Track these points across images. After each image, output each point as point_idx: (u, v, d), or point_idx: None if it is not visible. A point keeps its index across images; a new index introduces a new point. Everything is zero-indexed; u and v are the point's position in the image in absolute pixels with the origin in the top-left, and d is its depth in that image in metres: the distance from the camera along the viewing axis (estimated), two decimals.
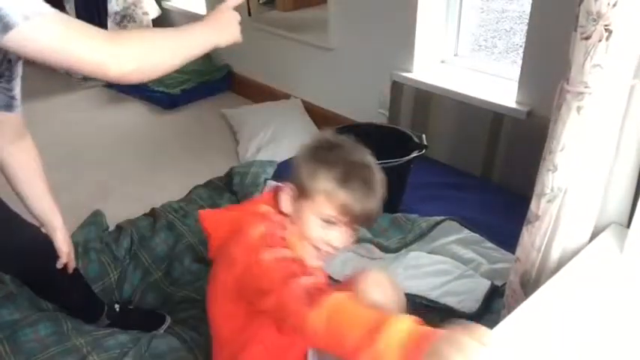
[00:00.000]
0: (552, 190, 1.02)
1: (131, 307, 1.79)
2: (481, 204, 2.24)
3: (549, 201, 1.03)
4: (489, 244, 1.92)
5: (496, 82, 2.52)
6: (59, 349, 1.48)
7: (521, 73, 2.30)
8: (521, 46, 2.89)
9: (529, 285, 1.11)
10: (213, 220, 1.23)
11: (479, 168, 2.50)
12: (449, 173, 2.54)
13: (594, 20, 0.88)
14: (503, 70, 2.60)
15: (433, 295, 1.64)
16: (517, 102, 2.32)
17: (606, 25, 0.88)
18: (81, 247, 1.93)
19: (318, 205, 1.10)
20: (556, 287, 0.99)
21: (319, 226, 1.10)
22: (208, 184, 2.36)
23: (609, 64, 0.91)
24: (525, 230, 1.10)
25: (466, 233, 1.98)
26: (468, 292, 1.65)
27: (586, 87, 0.93)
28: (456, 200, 2.27)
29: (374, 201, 1.11)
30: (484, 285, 1.67)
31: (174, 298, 1.80)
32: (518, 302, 1.10)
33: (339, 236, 1.11)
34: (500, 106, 2.34)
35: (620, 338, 0.90)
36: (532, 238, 1.08)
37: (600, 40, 0.89)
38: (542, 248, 1.07)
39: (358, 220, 1.12)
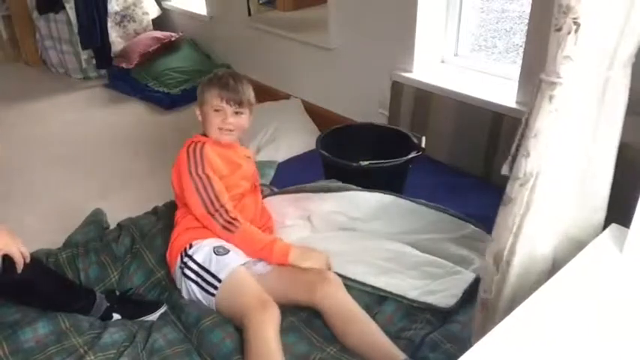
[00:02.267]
0: (525, 174, 1.04)
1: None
2: (481, 204, 2.24)
3: (521, 185, 1.06)
4: (486, 236, 1.91)
5: (496, 82, 2.52)
6: (57, 349, 1.48)
7: (521, 73, 2.30)
8: (521, 46, 2.89)
9: (501, 263, 1.13)
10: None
11: (479, 168, 2.50)
12: (449, 173, 2.54)
13: (564, 13, 0.90)
14: (503, 70, 2.61)
15: (412, 294, 1.67)
16: (517, 102, 2.32)
17: (574, 19, 0.90)
18: (81, 247, 1.92)
19: (210, 104, 1.76)
20: (555, 287, 0.99)
21: (215, 116, 1.77)
22: None
23: (578, 56, 0.93)
24: (500, 211, 1.13)
25: (468, 228, 1.97)
26: (447, 289, 1.67)
27: (558, 77, 0.96)
28: (456, 200, 2.27)
29: (235, 87, 1.76)
30: (466, 280, 1.68)
31: (172, 286, 1.79)
32: (491, 279, 1.15)
33: (227, 118, 1.76)
34: (500, 106, 2.35)
35: (620, 339, 0.90)
36: (505, 219, 1.10)
37: (569, 33, 0.91)
38: (514, 229, 1.10)
39: (231, 101, 1.75)
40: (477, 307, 1.23)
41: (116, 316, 1.68)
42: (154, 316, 1.69)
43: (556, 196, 1.06)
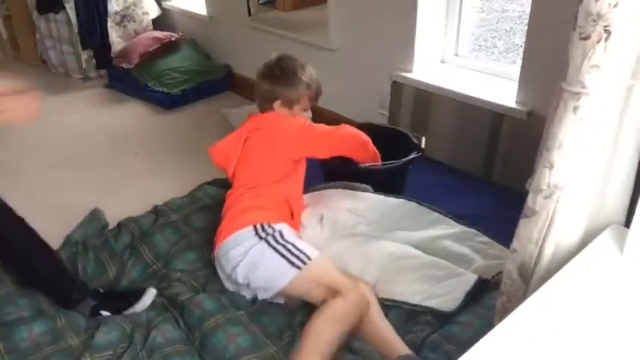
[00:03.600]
0: (549, 186, 1.02)
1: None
2: (481, 204, 2.24)
3: (546, 197, 1.04)
4: (484, 239, 1.91)
5: (496, 82, 2.52)
6: (53, 350, 1.48)
7: (521, 73, 2.30)
8: (521, 46, 2.89)
9: (527, 275, 1.12)
10: (221, 152, 1.93)
11: (479, 168, 2.50)
12: (449, 173, 2.54)
13: (594, 21, 0.88)
14: (503, 70, 2.60)
15: (414, 300, 1.67)
16: (517, 102, 2.32)
17: (606, 26, 0.87)
18: (80, 245, 1.93)
19: (305, 105, 1.96)
20: (556, 287, 0.99)
21: (302, 114, 1.95)
22: (216, 182, 2.35)
23: (607, 65, 0.91)
24: (522, 224, 1.11)
25: (459, 227, 1.97)
26: (449, 292, 1.66)
27: (583, 87, 0.93)
28: (456, 200, 2.27)
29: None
30: (468, 282, 1.67)
31: (170, 277, 1.81)
32: (517, 290, 1.14)
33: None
34: (500, 106, 2.34)
35: (620, 339, 0.89)
36: (529, 231, 1.09)
37: (599, 41, 0.89)
38: (540, 242, 1.08)
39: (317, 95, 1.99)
40: (498, 313, 1.21)
41: (105, 313, 1.68)
42: (143, 305, 1.68)
43: (578, 207, 1.04)
